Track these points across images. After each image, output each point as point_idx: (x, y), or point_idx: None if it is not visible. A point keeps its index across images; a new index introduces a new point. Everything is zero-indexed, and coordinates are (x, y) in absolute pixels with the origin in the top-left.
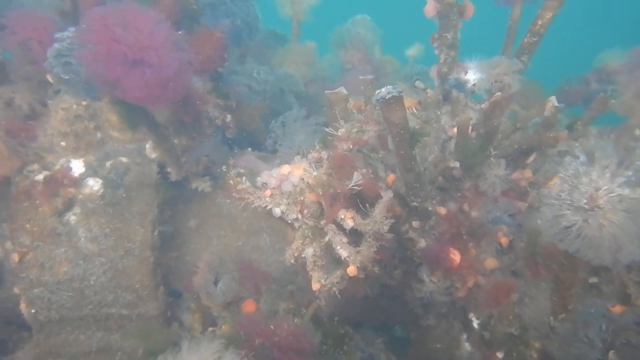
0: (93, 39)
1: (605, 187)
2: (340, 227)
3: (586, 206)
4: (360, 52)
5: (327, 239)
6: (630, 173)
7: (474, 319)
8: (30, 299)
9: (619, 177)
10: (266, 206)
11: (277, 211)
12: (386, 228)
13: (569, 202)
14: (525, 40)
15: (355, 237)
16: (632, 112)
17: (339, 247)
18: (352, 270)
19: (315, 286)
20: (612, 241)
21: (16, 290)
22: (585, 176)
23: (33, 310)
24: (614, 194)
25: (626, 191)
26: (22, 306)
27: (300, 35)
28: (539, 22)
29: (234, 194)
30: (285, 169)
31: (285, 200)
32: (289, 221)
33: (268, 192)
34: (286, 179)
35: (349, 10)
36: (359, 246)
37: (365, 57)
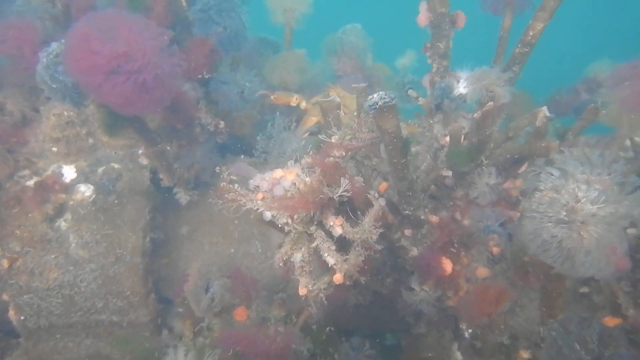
0: (73, 53)
1: (584, 200)
2: (329, 234)
3: (566, 218)
4: (351, 60)
5: (315, 244)
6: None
7: (465, 327)
8: (19, 306)
9: (593, 190)
10: (257, 209)
11: (268, 215)
12: (375, 237)
13: (550, 214)
14: (517, 50)
15: (344, 243)
16: (620, 123)
17: (326, 255)
18: (337, 278)
19: (302, 292)
20: (586, 254)
21: (5, 296)
22: (564, 189)
23: (22, 317)
24: (591, 207)
25: (601, 204)
26: (11, 313)
27: (292, 42)
28: (530, 33)
29: (225, 196)
30: (278, 173)
31: (276, 204)
32: (280, 225)
33: (260, 196)
34: (278, 183)
35: (342, 18)
36: (347, 254)
37: (356, 64)
